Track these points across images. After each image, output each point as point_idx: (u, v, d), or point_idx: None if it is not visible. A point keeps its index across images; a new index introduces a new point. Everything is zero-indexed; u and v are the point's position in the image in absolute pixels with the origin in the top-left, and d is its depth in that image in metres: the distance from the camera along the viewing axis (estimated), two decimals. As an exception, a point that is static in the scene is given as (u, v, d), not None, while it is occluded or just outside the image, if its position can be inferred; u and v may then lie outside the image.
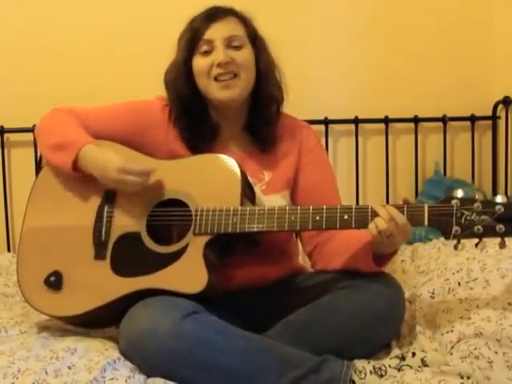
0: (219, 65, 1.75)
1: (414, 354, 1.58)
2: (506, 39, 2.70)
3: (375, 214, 1.58)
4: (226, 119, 1.84)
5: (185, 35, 1.82)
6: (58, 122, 1.81)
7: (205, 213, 1.67)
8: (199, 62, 1.78)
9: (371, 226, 1.57)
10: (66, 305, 1.70)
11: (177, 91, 1.82)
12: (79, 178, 1.76)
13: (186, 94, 1.80)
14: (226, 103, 1.79)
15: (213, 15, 1.80)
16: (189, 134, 1.81)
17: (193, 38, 1.79)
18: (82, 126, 1.80)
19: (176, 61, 1.83)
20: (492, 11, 2.73)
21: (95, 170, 1.72)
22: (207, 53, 1.78)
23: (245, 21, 1.84)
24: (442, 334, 1.65)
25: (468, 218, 1.54)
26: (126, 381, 1.48)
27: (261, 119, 1.84)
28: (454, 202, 1.56)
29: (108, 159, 1.69)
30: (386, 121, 2.68)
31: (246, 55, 1.79)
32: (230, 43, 1.78)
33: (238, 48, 1.78)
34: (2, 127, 2.48)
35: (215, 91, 1.77)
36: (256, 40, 1.84)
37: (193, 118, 1.81)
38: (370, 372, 1.55)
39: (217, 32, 1.78)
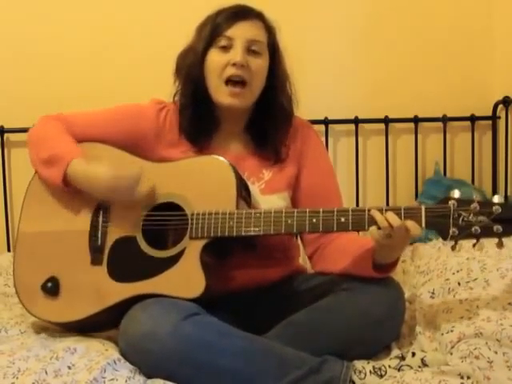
0: (234, 64, 1.73)
1: (413, 354, 1.58)
2: (506, 39, 2.70)
3: (373, 218, 1.57)
4: (227, 118, 1.84)
5: (206, 26, 1.78)
6: (46, 133, 1.79)
7: (201, 216, 1.66)
8: (215, 58, 1.76)
9: (372, 228, 1.57)
10: (64, 311, 1.69)
11: (189, 77, 1.80)
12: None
13: (196, 83, 1.78)
14: (229, 108, 1.79)
15: (240, 13, 1.77)
16: (191, 123, 1.80)
17: (214, 32, 1.76)
18: (69, 133, 1.78)
19: (192, 48, 1.80)
20: (492, 11, 2.73)
21: (85, 187, 1.70)
22: (225, 48, 1.75)
23: (269, 29, 1.82)
24: (442, 334, 1.64)
25: (465, 219, 1.54)
26: (126, 381, 1.48)
27: (265, 125, 1.83)
28: (450, 203, 1.55)
29: (95, 174, 1.67)
30: (386, 121, 2.67)
31: (261, 64, 1.78)
32: (249, 46, 1.75)
33: (255, 54, 1.76)
34: (2, 127, 2.47)
35: (223, 96, 1.76)
36: (275, 51, 1.82)
37: (197, 108, 1.80)
38: (370, 372, 1.55)
39: (240, 31, 1.75)
